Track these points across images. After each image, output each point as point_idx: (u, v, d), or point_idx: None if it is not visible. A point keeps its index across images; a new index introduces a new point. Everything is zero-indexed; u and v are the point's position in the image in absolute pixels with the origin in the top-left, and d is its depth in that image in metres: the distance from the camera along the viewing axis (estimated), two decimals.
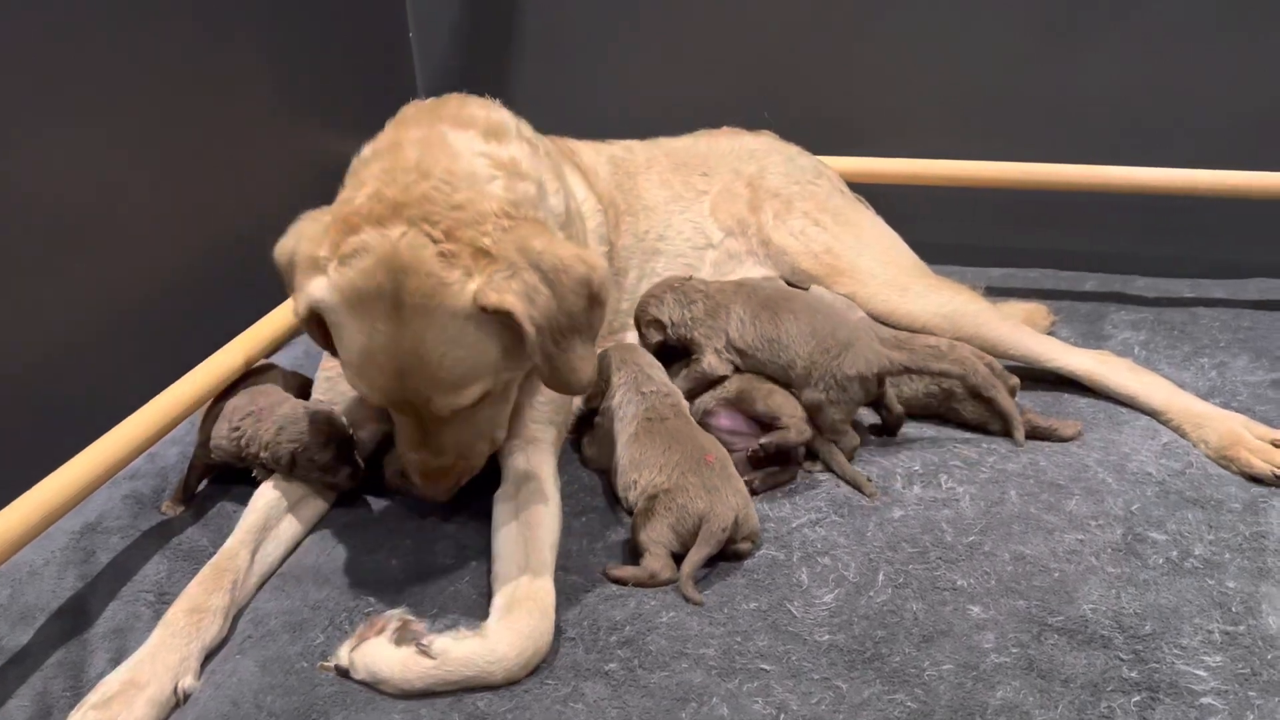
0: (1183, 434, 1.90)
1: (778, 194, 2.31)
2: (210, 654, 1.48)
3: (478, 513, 1.76)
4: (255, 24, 2.33)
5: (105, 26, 1.92)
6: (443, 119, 1.59)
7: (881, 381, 1.84)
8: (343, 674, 1.41)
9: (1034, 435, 1.89)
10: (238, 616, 1.55)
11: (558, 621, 1.48)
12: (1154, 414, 1.96)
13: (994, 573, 1.56)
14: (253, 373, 1.90)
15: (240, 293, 2.23)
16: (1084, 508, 1.70)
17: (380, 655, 1.39)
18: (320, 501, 1.78)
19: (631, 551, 1.64)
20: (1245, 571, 1.54)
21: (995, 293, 2.36)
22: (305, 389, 1.94)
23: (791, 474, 1.81)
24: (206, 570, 1.54)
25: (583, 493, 1.83)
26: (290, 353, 2.31)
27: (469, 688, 1.39)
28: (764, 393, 1.85)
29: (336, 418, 1.74)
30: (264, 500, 1.70)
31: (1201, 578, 1.53)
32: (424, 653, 1.38)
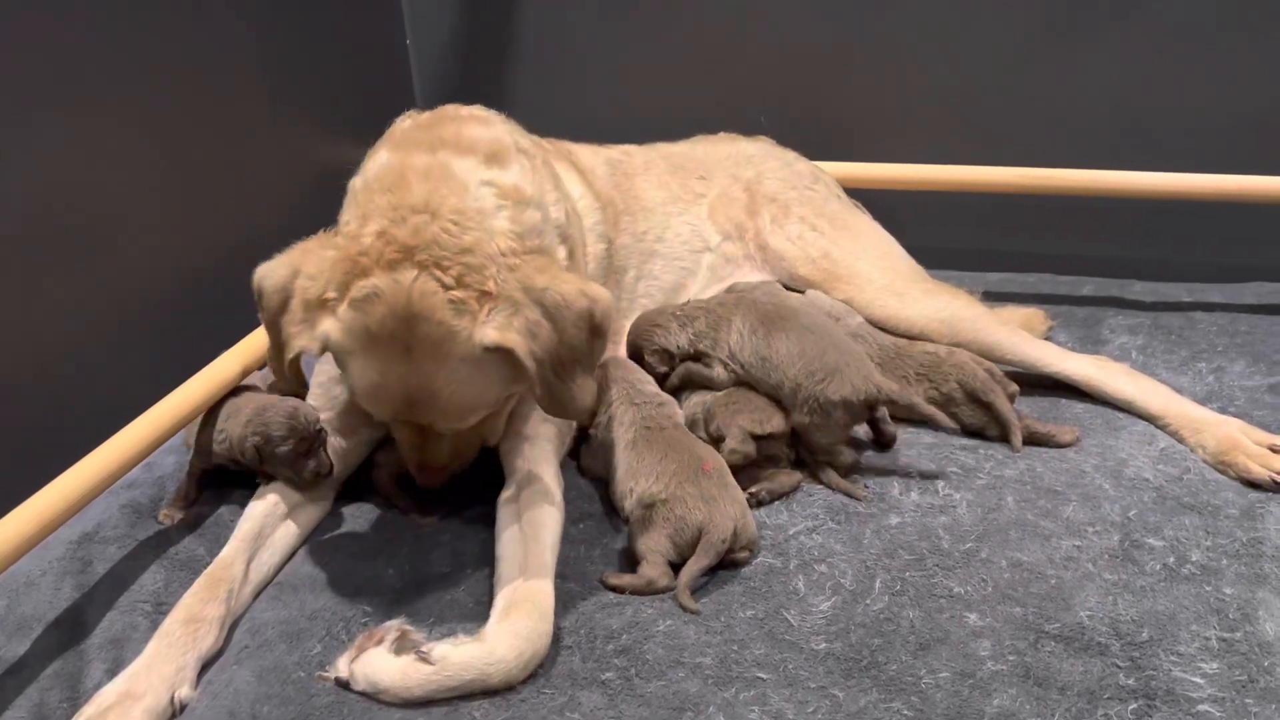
0: (1180, 439, 1.90)
1: (775, 199, 2.32)
2: (207, 664, 1.47)
3: (473, 520, 1.77)
4: (253, 31, 2.34)
5: (103, 34, 1.92)
6: (444, 143, 1.61)
7: (869, 408, 1.82)
8: (342, 685, 1.41)
9: (1032, 441, 1.89)
10: (234, 626, 1.55)
11: (555, 629, 1.48)
12: (1151, 419, 1.96)
13: (991, 580, 1.56)
14: (242, 389, 1.90)
15: (237, 301, 2.21)
16: (1081, 514, 1.70)
17: (380, 665, 1.39)
18: (316, 508, 1.78)
19: (629, 559, 1.64)
20: (1242, 578, 1.54)
21: (993, 297, 2.36)
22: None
23: (795, 484, 1.81)
24: (201, 581, 1.54)
25: (580, 499, 1.83)
26: None
27: (469, 693, 1.39)
28: (729, 412, 1.83)
29: (301, 410, 1.72)
30: (259, 509, 1.69)
31: (1199, 584, 1.53)
32: (423, 659, 1.38)
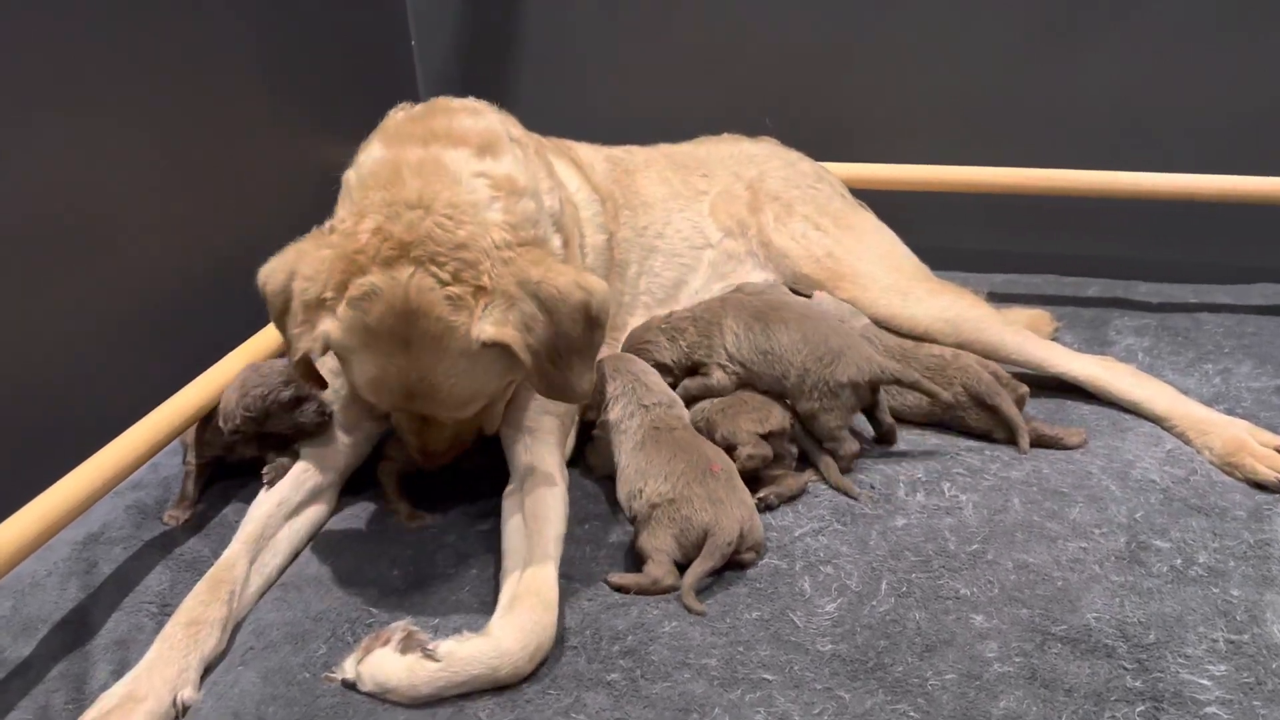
0: (1186, 441, 1.89)
1: (778, 197, 2.31)
2: (211, 666, 1.47)
3: (477, 521, 1.77)
4: (256, 31, 2.34)
5: (105, 34, 1.92)
6: (436, 135, 1.62)
7: (875, 389, 1.84)
8: (349, 687, 1.41)
9: (1039, 444, 1.88)
10: (238, 627, 1.55)
11: (561, 630, 1.48)
12: (1157, 420, 1.95)
13: (997, 581, 1.56)
14: None
15: (242, 302, 2.22)
16: (1087, 515, 1.70)
17: (386, 665, 1.39)
18: (321, 508, 1.78)
19: (634, 559, 1.64)
20: (1250, 580, 1.54)
21: (998, 299, 2.35)
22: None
23: (803, 485, 1.80)
24: (203, 583, 1.54)
25: (585, 499, 1.83)
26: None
27: (477, 688, 1.39)
28: (729, 417, 1.82)
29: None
30: (261, 510, 1.69)
31: (1206, 586, 1.53)
32: (429, 657, 1.38)
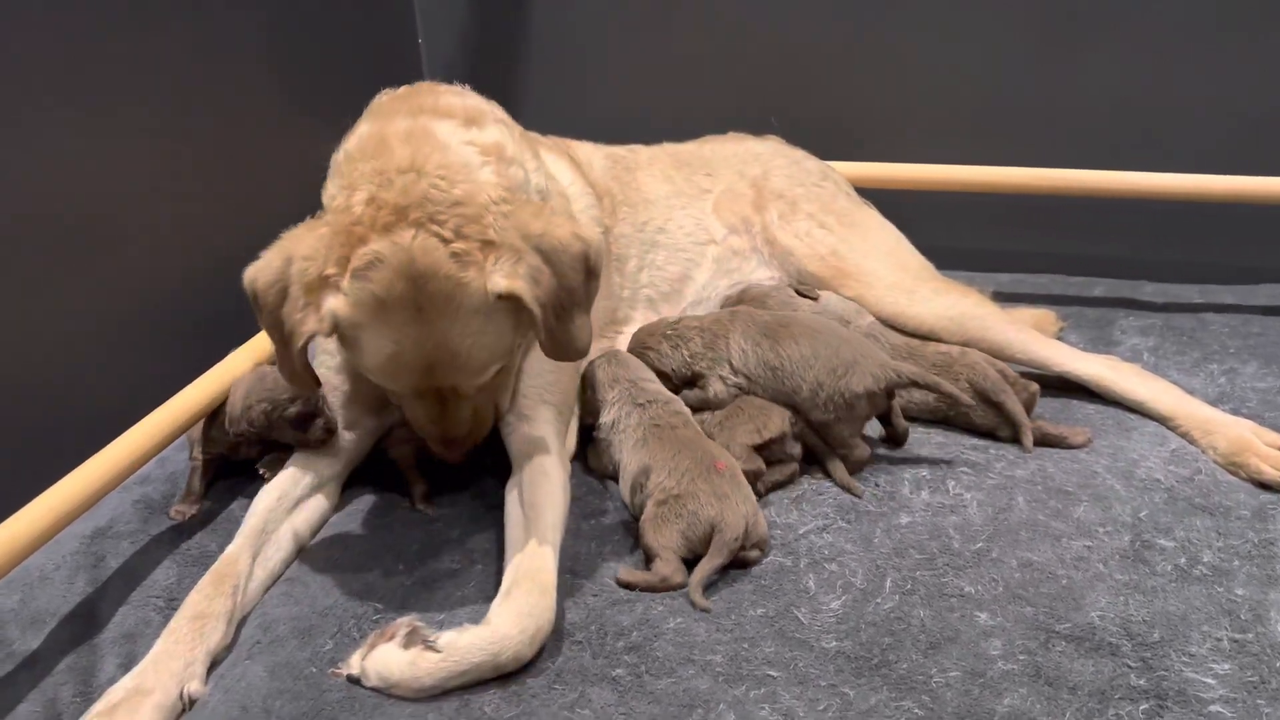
0: (1191, 440, 1.89)
1: (782, 195, 2.32)
2: (218, 660, 1.48)
3: (482, 516, 1.78)
4: (264, 30, 2.34)
5: (113, 33, 1.93)
6: (423, 109, 1.63)
7: (890, 394, 1.84)
8: (354, 682, 1.41)
9: (1044, 443, 1.88)
10: (243, 621, 1.56)
11: (561, 618, 1.49)
12: (1162, 420, 1.95)
13: (1001, 579, 1.56)
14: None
15: (249, 299, 2.24)
16: (1092, 514, 1.70)
17: (389, 659, 1.40)
18: (322, 503, 1.79)
19: (641, 556, 1.64)
20: (1254, 579, 1.54)
21: (1003, 298, 2.35)
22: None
23: (791, 475, 1.81)
24: (208, 577, 1.55)
25: (591, 496, 1.83)
26: None
27: (481, 677, 1.39)
28: (726, 430, 1.82)
29: None
30: (264, 504, 1.70)
31: (1210, 585, 1.53)
32: (430, 648, 1.39)
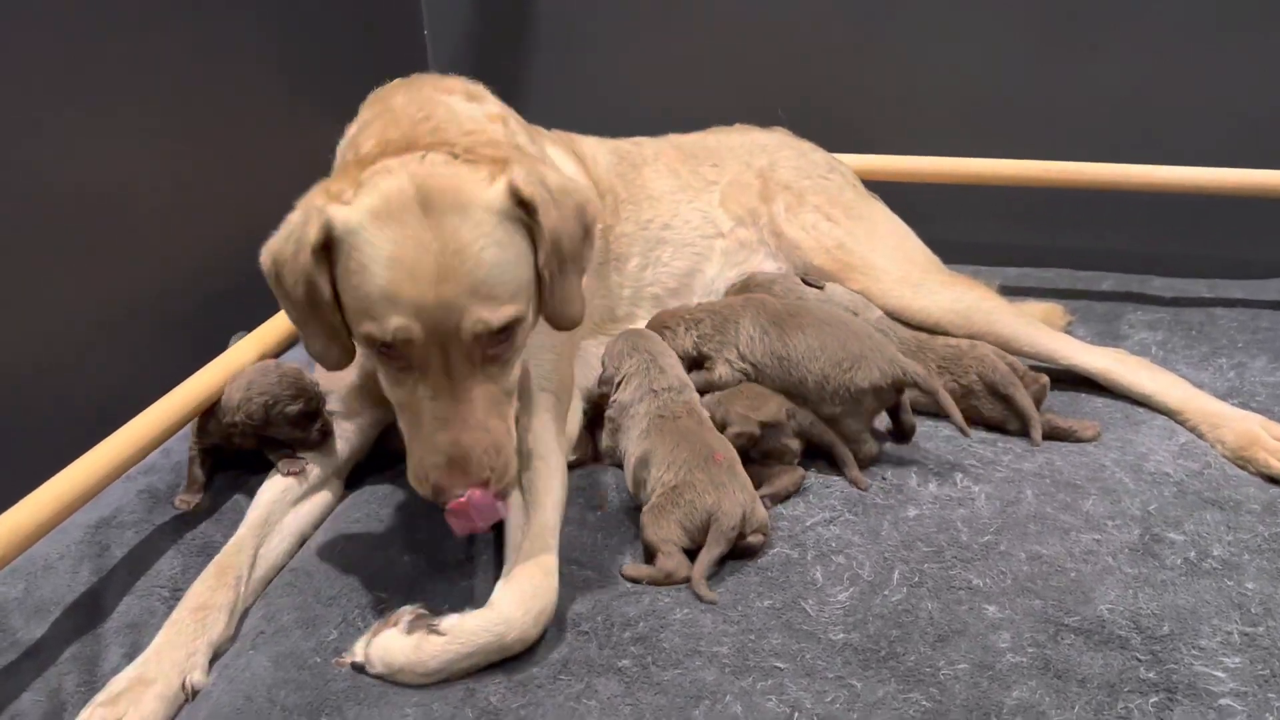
0: (1199, 434, 1.89)
1: (789, 187, 2.31)
2: (220, 651, 1.48)
3: None
4: (268, 24, 2.34)
5: (115, 28, 1.92)
6: (424, 85, 1.66)
7: (899, 390, 1.83)
8: (359, 670, 1.41)
9: (1053, 436, 1.88)
10: (247, 612, 1.55)
11: (571, 615, 1.48)
12: (1170, 414, 1.95)
13: (1010, 572, 1.55)
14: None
15: (255, 288, 2.22)
16: (1101, 508, 1.69)
17: (394, 645, 1.40)
18: (326, 495, 1.79)
19: (646, 548, 1.64)
20: (1264, 573, 1.53)
21: (1011, 292, 2.35)
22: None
23: (797, 482, 1.79)
24: (210, 568, 1.54)
25: (595, 486, 1.83)
26: (302, 350, 2.31)
27: (487, 660, 1.40)
28: (723, 403, 1.82)
29: (304, 373, 1.77)
30: (268, 495, 1.69)
31: (1220, 579, 1.52)
32: (434, 631, 1.39)
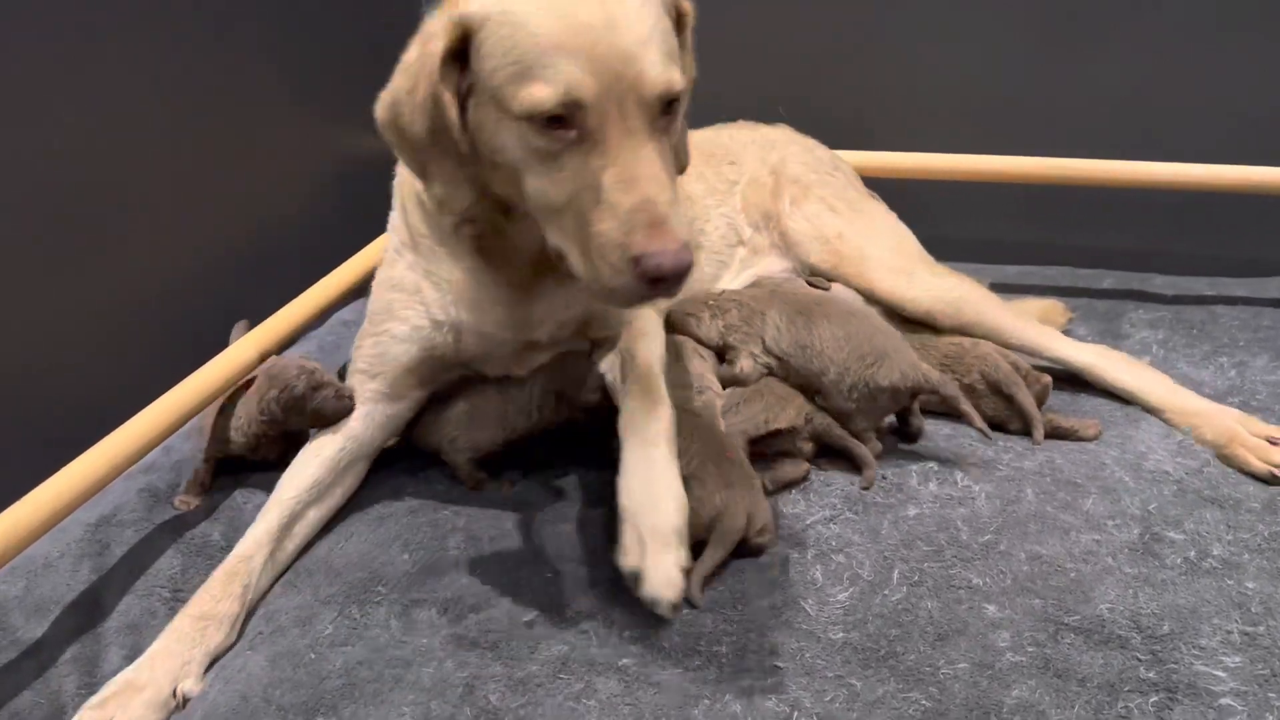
0: (1180, 432, 1.89)
1: (797, 180, 2.31)
2: (219, 657, 1.48)
3: (487, 507, 1.77)
4: (268, 20, 2.34)
5: (113, 28, 1.92)
6: None
7: (914, 395, 1.82)
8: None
9: (1055, 435, 1.87)
10: (251, 615, 1.55)
11: (570, 613, 1.49)
12: (1152, 410, 1.95)
13: (1010, 572, 1.55)
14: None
15: (255, 286, 2.24)
16: (1101, 507, 1.69)
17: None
18: (350, 484, 1.77)
19: None
20: (1264, 572, 1.52)
21: (1012, 290, 2.35)
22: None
23: (802, 474, 1.80)
24: (218, 574, 1.53)
25: (599, 485, 1.81)
26: (304, 347, 2.32)
27: None
28: (740, 396, 1.83)
29: (304, 359, 1.80)
30: (289, 494, 1.66)
31: (1220, 578, 1.52)
32: None
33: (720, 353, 1.96)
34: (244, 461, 1.87)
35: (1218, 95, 2.51)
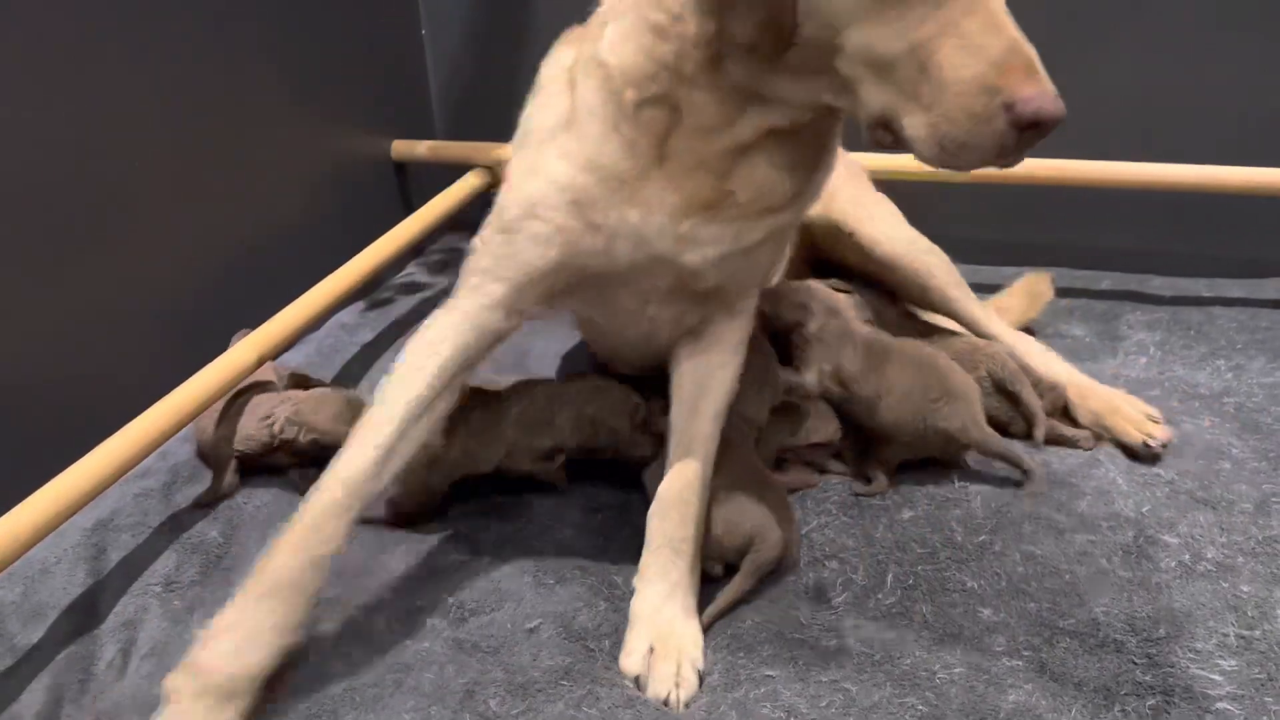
0: (1071, 407, 1.93)
1: None
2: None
3: (488, 514, 1.77)
4: (267, 23, 2.33)
5: (115, 27, 1.92)
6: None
7: (963, 449, 1.77)
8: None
9: (1054, 443, 1.88)
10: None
11: (576, 627, 1.49)
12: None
13: (1004, 574, 1.55)
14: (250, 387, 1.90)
15: (253, 290, 2.24)
16: (1095, 509, 1.69)
17: None
18: (442, 406, 1.56)
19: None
20: (1259, 576, 1.53)
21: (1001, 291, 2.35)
22: (305, 388, 2.01)
23: (815, 484, 1.80)
24: (285, 542, 1.41)
25: (598, 489, 1.81)
26: (303, 350, 2.32)
27: None
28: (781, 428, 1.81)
29: (354, 398, 1.82)
30: (396, 410, 1.48)
31: (1215, 581, 1.52)
32: None
33: (786, 348, 1.88)
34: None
35: (1216, 97, 2.51)
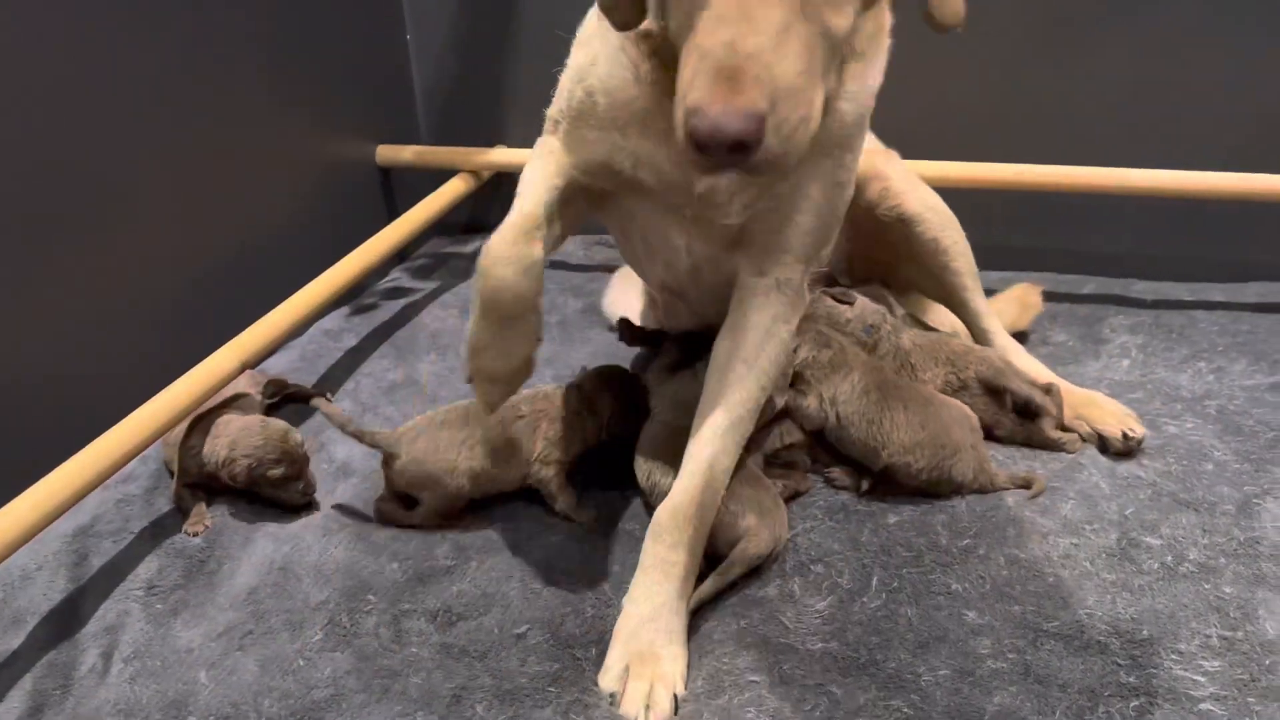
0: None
1: None
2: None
3: (481, 518, 1.76)
4: (252, 25, 2.33)
5: (113, 27, 1.91)
6: None
7: (960, 491, 1.77)
8: None
9: (1042, 446, 1.89)
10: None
11: (564, 634, 1.48)
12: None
13: (989, 577, 1.56)
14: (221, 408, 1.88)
15: (236, 296, 2.22)
16: (1079, 512, 1.70)
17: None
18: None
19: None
20: (1241, 577, 1.54)
21: (992, 296, 2.35)
22: (285, 393, 2.03)
23: (809, 487, 1.80)
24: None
25: (594, 498, 1.80)
26: (286, 356, 2.31)
27: None
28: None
29: (291, 433, 1.77)
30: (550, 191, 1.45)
31: (1198, 583, 1.53)
32: None
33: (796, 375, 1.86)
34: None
35: (1198, 103, 2.53)
